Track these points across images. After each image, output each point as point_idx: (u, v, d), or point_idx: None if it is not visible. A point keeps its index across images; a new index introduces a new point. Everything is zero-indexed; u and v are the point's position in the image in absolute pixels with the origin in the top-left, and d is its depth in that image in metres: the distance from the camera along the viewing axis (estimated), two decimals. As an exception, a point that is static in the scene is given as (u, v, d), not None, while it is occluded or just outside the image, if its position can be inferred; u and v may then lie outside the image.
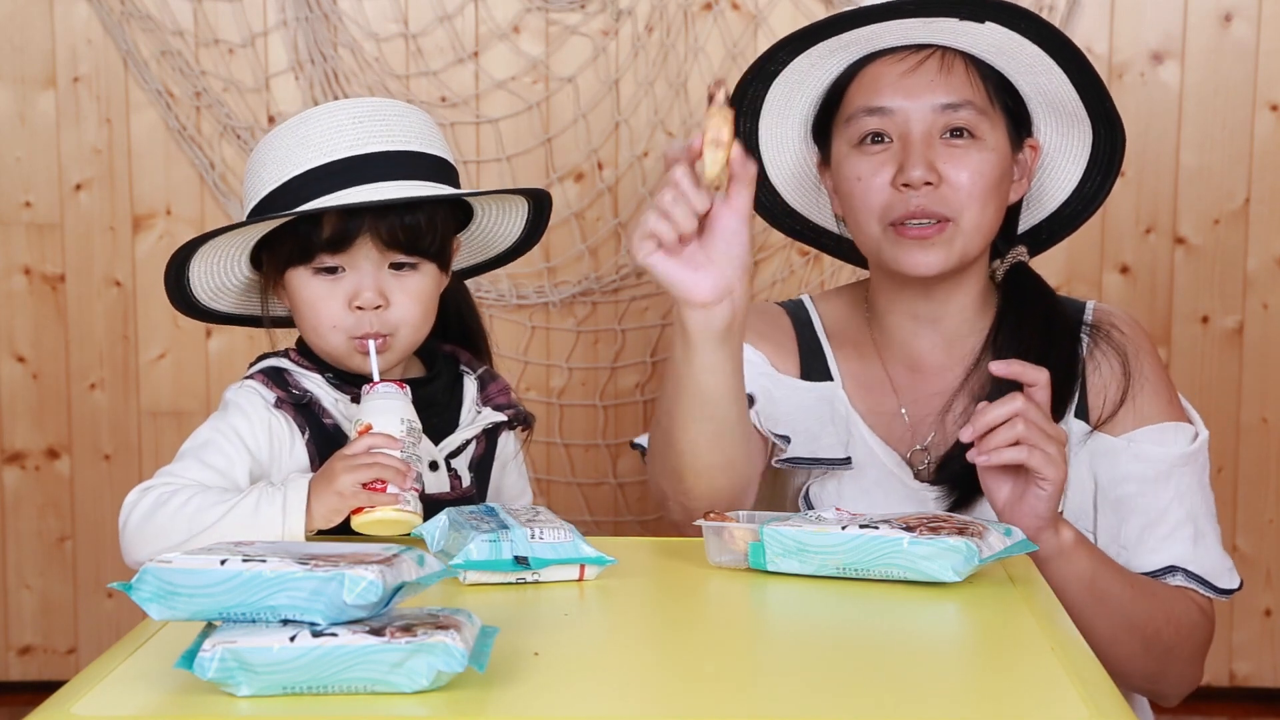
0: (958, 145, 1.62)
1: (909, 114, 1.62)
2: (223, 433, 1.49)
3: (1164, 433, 1.66)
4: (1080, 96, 1.66)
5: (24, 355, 2.95)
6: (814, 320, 1.79)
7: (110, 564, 2.99)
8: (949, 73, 1.63)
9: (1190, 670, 1.70)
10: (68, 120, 2.90)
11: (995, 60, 1.64)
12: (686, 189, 1.40)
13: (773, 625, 1.27)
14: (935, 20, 1.61)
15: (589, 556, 1.29)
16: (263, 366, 1.55)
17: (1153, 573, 1.65)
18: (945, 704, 1.02)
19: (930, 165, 1.60)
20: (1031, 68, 1.64)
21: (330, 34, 2.86)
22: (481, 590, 1.28)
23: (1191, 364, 2.88)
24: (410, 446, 1.40)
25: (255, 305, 1.61)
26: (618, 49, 2.87)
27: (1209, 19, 2.84)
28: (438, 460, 1.54)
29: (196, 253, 1.52)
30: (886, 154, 1.63)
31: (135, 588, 1.02)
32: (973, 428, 1.46)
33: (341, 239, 1.48)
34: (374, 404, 1.43)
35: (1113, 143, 1.71)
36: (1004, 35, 1.61)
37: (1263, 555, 2.95)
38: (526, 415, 1.64)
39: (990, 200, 1.63)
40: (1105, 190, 1.74)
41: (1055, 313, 1.70)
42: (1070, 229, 1.80)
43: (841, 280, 2.82)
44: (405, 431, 1.40)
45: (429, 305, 1.54)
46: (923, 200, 1.61)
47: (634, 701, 1.03)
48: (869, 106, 1.64)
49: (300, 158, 1.49)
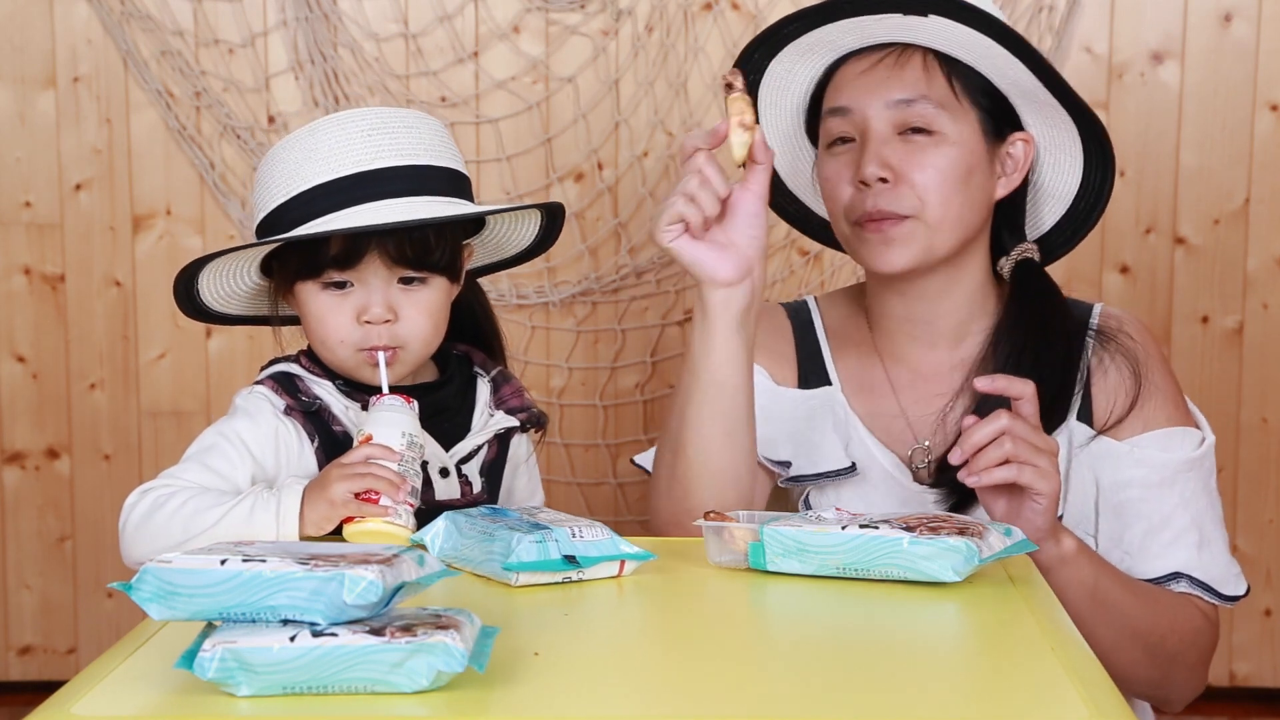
0: (916, 141, 1.61)
1: (865, 111, 1.62)
2: (227, 437, 1.48)
3: (1169, 438, 1.65)
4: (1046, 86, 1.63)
5: (24, 355, 2.95)
6: (815, 322, 1.79)
7: (110, 564, 2.99)
8: (901, 68, 1.62)
9: (1194, 677, 1.69)
10: (68, 120, 2.90)
11: (956, 53, 1.62)
12: (711, 175, 1.46)
13: (773, 625, 1.27)
14: (886, 17, 1.60)
15: (630, 553, 1.32)
16: (273, 372, 1.55)
17: (1157, 579, 1.64)
18: (945, 704, 1.02)
19: (884, 162, 1.60)
20: (991, 60, 1.61)
21: (330, 34, 2.86)
22: (481, 590, 1.28)
23: (1191, 364, 2.88)
24: (409, 461, 1.39)
25: (265, 307, 1.61)
26: (618, 49, 2.87)
27: (1209, 19, 2.84)
28: (448, 467, 1.54)
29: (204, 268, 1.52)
30: (849, 154, 1.64)
31: (135, 588, 1.02)
32: (960, 449, 1.46)
33: (349, 256, 1.47)
34: (378, 416, 1.42)
35: (1096, 133, 1.68)
36: (951, 27, 1.59)
37: (1263, 555, 2.95)
38: (539, 416, 1.63)
39: (955, 195, 1.61)
40: (1109, 182, 1.71)
41: (1059, 314, 1.68)
42: (1088, 226, 1.76)
43: (842, 280, 2.83)
44: (406, 445, 1.39)
45: (439, 318, 1.53)
46: (878, 200, 1.60)
47: (634, 701, 1.03)
48: (832, 107, 1.66)
49: (309, 171, 1.48)
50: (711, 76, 2.85)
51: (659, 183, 2.89)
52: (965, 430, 1.46)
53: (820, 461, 1.67)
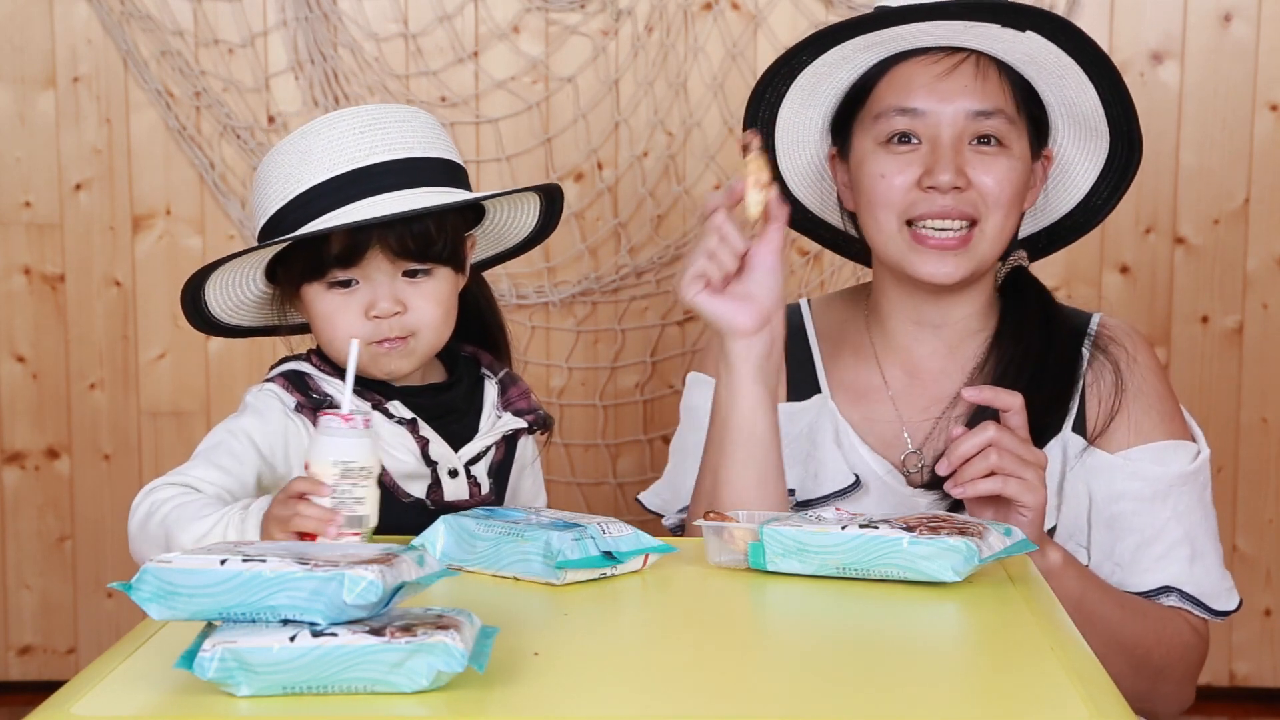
0: (986, 152, 1.62)
1: (941, 117, 1.62)
2: (235, 435, 1.49)
3: (1163, 451, 1.65)
4: (1106, 113, 1.66)
5: (24, 355, 2.95)
6: (807, 327, 1.78)
7: (110, 564, 2.99)
8: (984, 79, 1.62)
9: (1181, 692, 1.69)
10: (68, 120, 2.90)
11: (1026, 69, 1.64)
12: (729, 233, 1.53)
13: (773, 625, 1.27)
14: (976, 25, 1.59)
15: (654, 546, 1.34)
16: (284, 370, 1.55)
17: (1147, 593, 1.64)
18: (945, 704, 1.02)
19: (959, 170, 1.60)
20: (1062, 79, 1.64)
21: (330, 34, 2.86)
22: (481, 590, 1.28)
23: (1191, 364, 2.88)
24: (346, 492, 1.32)
25: (273, 316, 1.61)
26: (617, 49, 2.87)
27: (1209, 19, 2.83)
28: (457, 468, 1.54)
29: (209, 277, 1.52)
30: (914, 155, 1.62)
31: (135, 588, 1.02)
32: (947, 460, 1.47)
33: (351, 253, 1.48)
34: (315, 441, 1.35)
35: (1128, 160, 1.70)
36: (1041, 45, 1.61)
37: (1263, 555, 2.95)
38: (546, 418, 1.63)
39: (1014, 207, 1.64)
40: (1111, 204, 1.74)
41: (1055, 318, 1.69)
42: (1069, 240, 1.79)
43: (842, 280, 2.82)
44: (340, 474, 1.32)
45: (448, 307, 1.53)
46: (949, 201, 1.61)
47: (634, 701, 1.03)
48: (900, 106, 1.63)
49: (304, 174, 1.48)
50: (711, 76, 2.85)
51: (659, 182, 2.89)
52: (952, 441, 1.48)
53: (825, 482, 1.68)
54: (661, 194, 2.89)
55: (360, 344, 1.43)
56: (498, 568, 1.32)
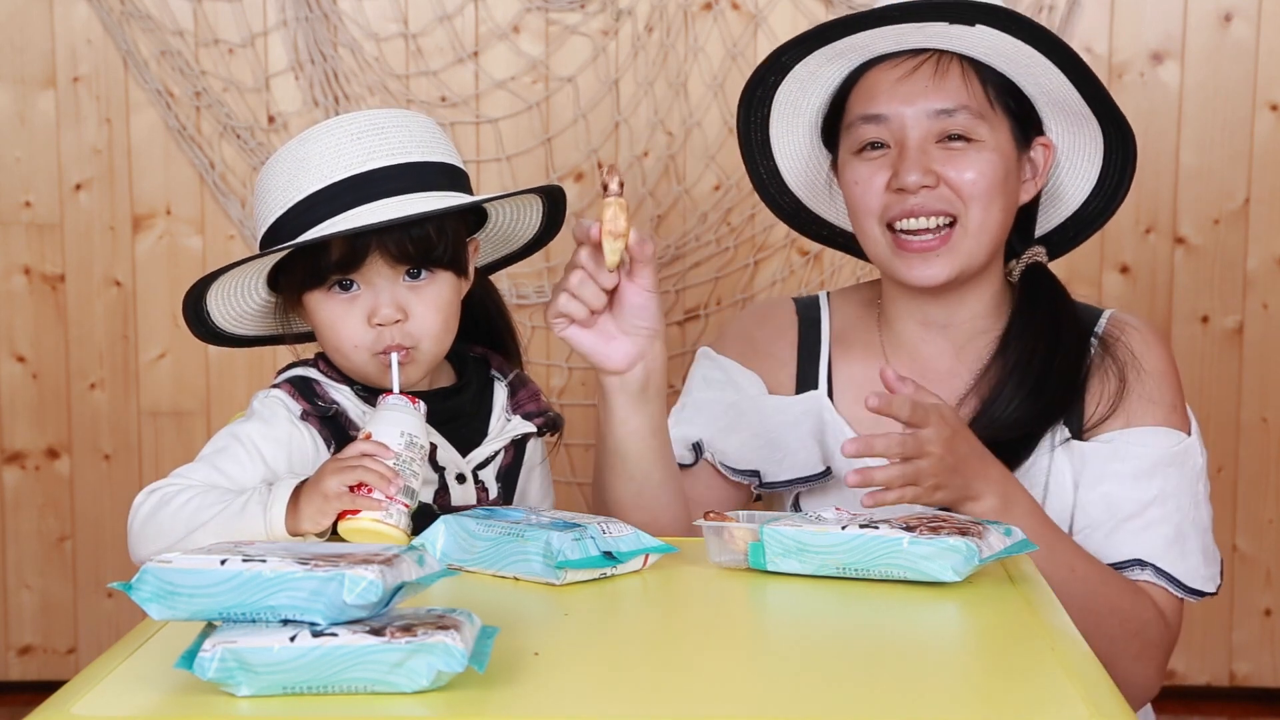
0: (955, 149, 1.62)
1: (904, 120, 1.63)
2: (239, 440, 1.48)
3: (1153, 434, 1.65)
4: (1081, 95, 1.66)
5: (24, 355, 2.95)
6: (823, 321, 1.79)
7: (110, 564, 2.99)
8: (943, 77, 1.63)
9: (1140, 672, 1.64)
10: (67, 120, 2.90)
11: (994, 62, 1.64)
12: (592, 270, 1.50)
13: (773, 625, 1.27)
14: (927, 25, 1.60)
15: (655, 546, 1.34)
16: (290, 376, 1.54)
17: (1119, 564, 1.62)
18: (945, 704, 1.03)
19: (926, 169, 1.61)
20: (1029, 68, 1.64)
21: (330, 34, 2.86)
22: (481, 590, 1.28)
23: (1191, 364, 2.88)
24: (406, 461, 1.38)
25: (277, 324, 1.60)
26: (617, 49, 2.87)
27: (1209, 19, 2.84)
28: (465, 473, 1.54)
29: (210, 287, 1.52)
30: (884, 159, 1.63)
31: (135, 588, 1.02)
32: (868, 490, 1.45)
33: (350, 259, 1.47)
34: (379, 414, 1.42)
35: (1123, 140, 1.69)
36: (996, 37, 1.61)
37: (1263, 555, 2.95)
38: (556, 419, 1.63)
39: (994, 200, 1.63)
40: (1124, 187, 1.73)
41: (1066, 317, 1.69)
42: (1094, 228, 1.78)
43: (841, 280, 2.83)
44: (404, 444, 1.38)
45: (449, 313, 1.53)
46: (920, 200, 1.61)
47: (634, 701, 1.03)
48: (865, 114, 1.65)
49: (303, 181, 1.48)
50: (711, 76, 2.85)
51: (659, 182, 2.89)
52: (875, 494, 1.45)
53: (792, 467, 1.69)
54: (661, 194, 2.89)
55: (367, 354, 1.48)
56: (498, 568, 1.32)
